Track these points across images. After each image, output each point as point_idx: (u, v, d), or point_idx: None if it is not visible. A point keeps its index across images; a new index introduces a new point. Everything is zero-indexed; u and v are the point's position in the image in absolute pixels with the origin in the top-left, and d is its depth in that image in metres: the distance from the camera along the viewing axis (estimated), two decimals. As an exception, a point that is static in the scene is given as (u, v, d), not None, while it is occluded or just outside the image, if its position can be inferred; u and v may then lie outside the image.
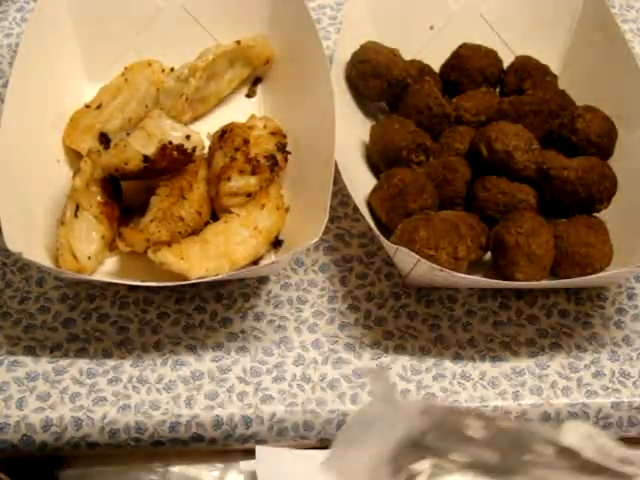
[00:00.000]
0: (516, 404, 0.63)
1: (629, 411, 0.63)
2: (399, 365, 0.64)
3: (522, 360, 0.65)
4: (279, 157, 0.72)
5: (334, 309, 0.67)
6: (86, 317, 0.66)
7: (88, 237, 0.66)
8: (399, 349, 0.65)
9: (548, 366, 0.65)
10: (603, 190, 0.68)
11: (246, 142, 0.70)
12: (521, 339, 0.66)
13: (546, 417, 0.63)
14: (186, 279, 0.62)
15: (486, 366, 0.65)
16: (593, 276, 0.64)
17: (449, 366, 0.64)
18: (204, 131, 0.75)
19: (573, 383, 0.64)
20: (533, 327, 0.67)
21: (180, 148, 0.67)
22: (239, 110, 0.80)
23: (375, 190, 0.70)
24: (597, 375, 0.65)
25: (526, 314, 0.68)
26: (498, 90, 0.81)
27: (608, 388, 0.64)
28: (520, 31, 0.84)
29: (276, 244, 0.69)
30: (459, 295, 0.69)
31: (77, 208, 0.66)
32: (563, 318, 0.68)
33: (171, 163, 0.67)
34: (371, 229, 0.66)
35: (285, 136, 0.74)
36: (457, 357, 0.65)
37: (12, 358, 0.64)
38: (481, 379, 0.64)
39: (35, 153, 0.71)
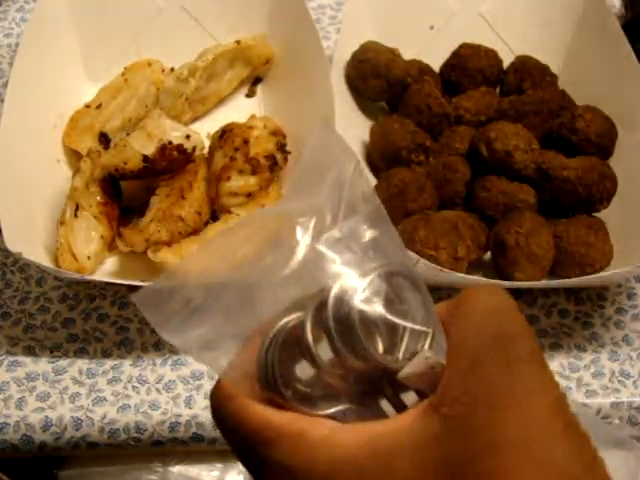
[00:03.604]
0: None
1: (629, 411, 0.63)
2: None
3: (522, 360, 0.65)
4: (279, 157, 0.72)
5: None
6: (86, 317, 0.66)
7: (88, 237, 0.66)
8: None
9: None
10: (603, 190, 0.68)
11: (246, 142, 0.70)
12: (521, 339, 0.66)
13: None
14: (186, 279, 0.62)
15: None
16: (593, 276, 0.64)
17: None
18: (204, 131, 0.75)
19: (573, 383, 0.64)
20: (533, 327, 0.67)
21: (180, 148, 0.67)
22: (239, 110, 0.80)
23: (375, 190, 0.70)
24: (597, 375, 0.65)
25: (526, 314, 0.68)
26: (498, 90, 0.81)
27: (608, 388, 0.64)
28: (520, 31, 0.84)
29: (276, 244, 0.69)
30: (459, 295, 0.69)
31: (77, 208, 0.66)
32: (563, 318, 0.68)
33: (171, 163, 0.67)
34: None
35: (285, 136, 0.74)
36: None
37: (12, 358, 0.64)
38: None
39: (35, 153, 0.71)
